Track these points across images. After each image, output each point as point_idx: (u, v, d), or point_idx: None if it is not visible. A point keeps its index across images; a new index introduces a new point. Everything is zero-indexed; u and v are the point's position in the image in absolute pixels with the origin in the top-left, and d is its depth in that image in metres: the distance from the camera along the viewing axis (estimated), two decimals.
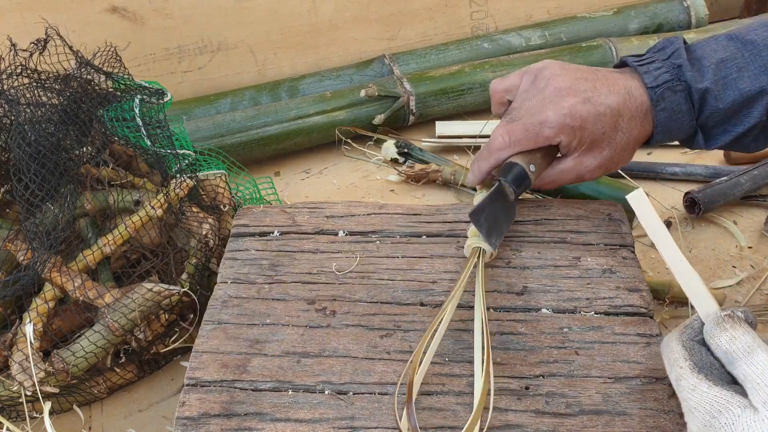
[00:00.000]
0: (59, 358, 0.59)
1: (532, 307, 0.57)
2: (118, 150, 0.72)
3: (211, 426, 0.50)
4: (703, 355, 0.44)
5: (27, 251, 0.61)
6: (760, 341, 0.42)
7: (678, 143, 0.65)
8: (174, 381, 0.68)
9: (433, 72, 0.98)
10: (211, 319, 0.57)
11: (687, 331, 0.46)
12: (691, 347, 0.44)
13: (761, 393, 0.40)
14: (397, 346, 0.55)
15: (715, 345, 0.44)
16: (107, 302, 0.61)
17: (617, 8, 1.10)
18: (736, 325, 0.43)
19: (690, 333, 0.45)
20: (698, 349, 0.44)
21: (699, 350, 0.44)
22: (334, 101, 0.94)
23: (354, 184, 0.91)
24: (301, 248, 0.63)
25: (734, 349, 0.42)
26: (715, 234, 0.80)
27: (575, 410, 0.50)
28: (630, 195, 0.48)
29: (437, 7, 1.07)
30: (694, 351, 0.44)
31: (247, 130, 0.91)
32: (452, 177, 0.87)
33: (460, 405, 0.51)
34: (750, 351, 0.42)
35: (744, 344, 0.42)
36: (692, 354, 0.44)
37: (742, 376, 0.42)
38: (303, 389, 0.52)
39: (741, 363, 0.42)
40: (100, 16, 0.93)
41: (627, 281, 0.58)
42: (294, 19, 1.02)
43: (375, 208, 0.67)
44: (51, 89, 0.64)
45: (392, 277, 0.60)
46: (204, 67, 1.01)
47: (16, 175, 0.60)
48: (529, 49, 1.05)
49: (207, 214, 0.69)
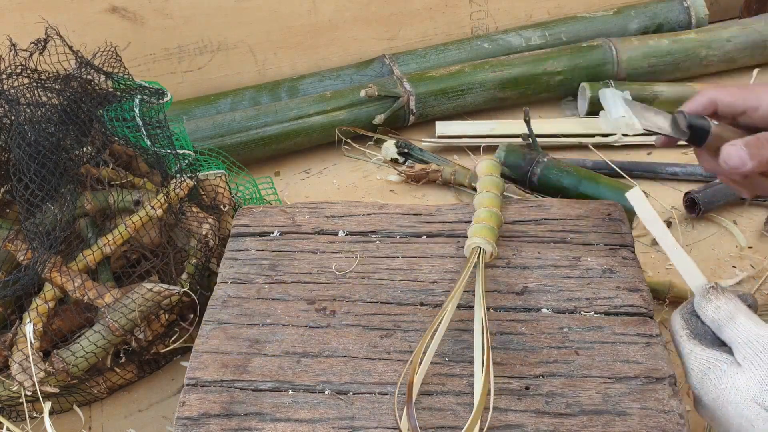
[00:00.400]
0: (59, 358, 0.59)
1: (532, 307, 0.57)
2: (118, 150, 0.72)
3: (211, 426, 0.50)
4: (699, 325, 0.51)
5: (27, 251, 0.61)
6: (742, 307, 0.50)
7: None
8: (174, 381, 0.68)
9: (433, 72, 0.98)
10: (211, 319, 0.57)
11: (686, 305, 0.53)
12: (688, 318, 0.52)
13: (742, 350, 0.47)
14: (397, 346, 0.55)
15: (703, 315, 0.51)
16: (107, 302, 0.61)
17: (617, 8, 1.10)
18: (720, 295, 0.51)
19: (688, 307, 0.52)
20: (694, 320, 0.52)
21: (695, 321, 0.52)
22: (334, 101, 0.94)
23: (354, 184, 0.91)
24: (301, 248, 0.63)
25: (719, 317, 0.50)
26: (715, 234, 0.80)
27: (575, 410, 0.50)
28: (628, 193, 0.56)
29: (437, 7, 1.07)
30: (691, 321, 0.52)
31: (247, 130, 0.91)
32: (452, 177, 0.87)
33: (460, 405, 0.51)
34: (732, 317, 0.49)
35: (727, 312, 0.49)
36: (689, 324, 0.52)
37: (728, 338, 0.49)
38: (303, 389, 0.52)
39: (726, 328, 0.49)
40: (100, 16, 0.93)
41: (627, 281, 0.58)
42: (294, 19, 1.02)
43: (375, 208, 0.67)
44: (51, 89, 0.64)
45: (392, 277, 0.60)
46: (204, 67, 1.01)
47: (16, 175, 0.60)
48: (529, 49, 1.05)
49: (207, 214, 0.69)
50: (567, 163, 0.85)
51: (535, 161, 0.85)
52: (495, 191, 0.66)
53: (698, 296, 0.52)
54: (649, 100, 0.97)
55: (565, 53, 1.01)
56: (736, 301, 0.50)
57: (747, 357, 0.47)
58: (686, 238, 0.79)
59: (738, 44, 1.03)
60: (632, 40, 1.02)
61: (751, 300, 0.51)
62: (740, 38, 1.03)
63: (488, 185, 0.66)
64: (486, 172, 0.68)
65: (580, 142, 0.94)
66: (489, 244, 0.60)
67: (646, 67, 1.01)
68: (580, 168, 0.85)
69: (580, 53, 1.01)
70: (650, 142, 0.93)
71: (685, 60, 1.02)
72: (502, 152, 0.87)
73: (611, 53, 1.01)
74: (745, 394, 0.46)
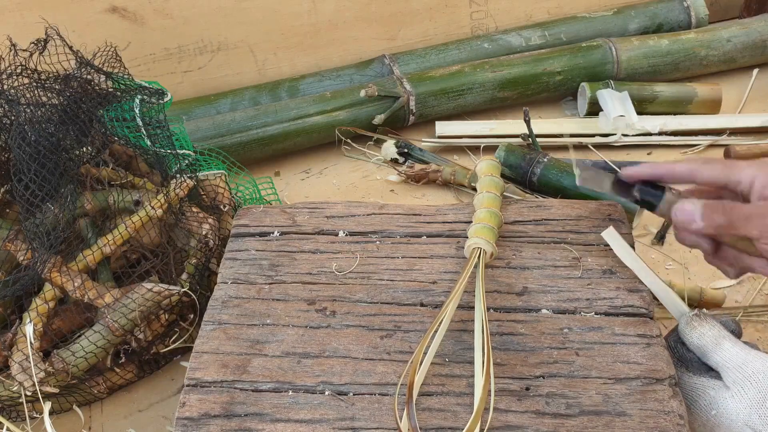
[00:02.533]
0: (59, 358, 0.59)
1: (532, 308, 0.57)
2: (118, 150, 0.72)
3: (211, 426, 0.50)
4: (685, 352, 0.53)
5: (27, 251, 0.61)
6: (725, 333, 0.51)
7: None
8: (174, 381, 0.68)
9: (433, 72, 0.98)
10: (211, 319, 0.57)
11: (671, 333, 0.55)
12: (674, 346, 0.54)
13: (730, 374, 0.49)
14: (397, 347, 0.55)
15: (689, 341, 0.53)
16: (107, 302, 0.61)
17: (617, 8, 1.10)
18: (703, 322, 0.52)
19: (674, 335, 0.54)
20: (679, 347, 0.54)
21: (680, 348, 0.54)
22: (334, 101, 0.94)
23: (354, 184, 0.91)
24: (301, 248, 0.63)
25: (704, 343, 0.52)
26: None
27: (575, 411, 0.50)
28: (604, 233, 0.60)
29: (437, 7, 1.07)
30: (677, 349, 0.54)
31: (247, 130, 0.91)
32: (452, 177, 0.87)
33: (460, 406, 0.51)
34: (717, 343, 0.51)
35: (711, 338, 0.51)
36: (675, 352, 0.54)
37: (715, 364, 0.51)
38: (303, 390, 0.52)
39: (712, 354, 0.51)
40: (100, 16, 0.93)
41: (627, 282, 0.58)
42: (294, 19, 1.02)
43: (375, 208, 0.67)
44: (51, 89, 0.64)
45: (392, 278, 0.60)
46: (204, 67, 1.01)
47: (16, 175, 0.60)
48: (529, 49, 1.05)
49: (207, 214, 0.69)
50: (567, 163, 0.85)
51: (535, 161, 0.85)
52: (495, 191, 0.66)
53: (682, 324, 0.53)
54: (649, 99, 0.97)
55: (565, 53, 1.01)
56: (719, 328, 0.52)
57: (737, 381, 0.49)
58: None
59: (738, 44, 1.03)
60: (632, 40, 1.02)
61: (734, 326, 0.53)
62: (740, 38, 1.03)
63: (488, 185, 0.66)
64: (486, 173, 0.68)
65: (580, 142, 0.94)
66: (489, 245, 0.60)
67: (645, 67, 1.01)
68: None
69: (579, 53, 1.01)
70: (650, 142, 0.93)
71: (684, 60, 1.02)
72: (502, 152, 0.87)
73: (611, 53, 1.01)
74: (736, 419, 0.48)
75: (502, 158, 0.87)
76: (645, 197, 0.58)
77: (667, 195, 0.57)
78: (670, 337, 0.55)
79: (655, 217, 0.82)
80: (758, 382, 0.48)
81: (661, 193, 0.58)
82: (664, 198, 0.57)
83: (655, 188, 0.58)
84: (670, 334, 0.55)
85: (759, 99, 1.02)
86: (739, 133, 0.95)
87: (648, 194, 0.58)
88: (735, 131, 0.94)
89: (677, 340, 0.54)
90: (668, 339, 0.55)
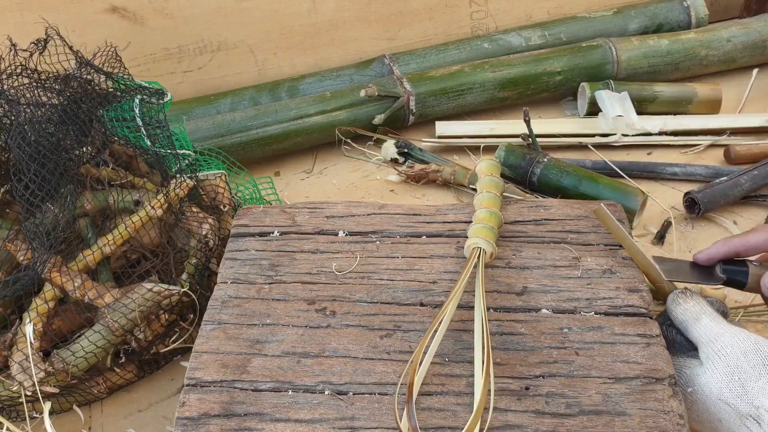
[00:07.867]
0: (59, 358, 0.59)
1: (532, 308, 0.57)
2: (118, 150, 0.72)
3: (211, 426, 0.50)
4: (673, 334, 0.55)
5: (27, 251, 0.61)
6: (708, 309, 0.53)
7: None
8: (174, 381, 0.68)
9: (433, 72, 0.98)
10: (211, 319, 0.57)
11: (660, 315, 0.56)
12: (661, 327, 0.55)
13: (705, 350, 0.50)
14: (397, 347, 0.55)
15: (674, 317, 0.54)
16: (107, 302, 0.61)
17: (617, 8, 1.10)
18: (688, 299, 0.54)
19: (662, 316, 0.56)
20: (665, 328, 0.55)
21: (669, 330, 0.55)
22: (334, 101, 0.94)
23: (354, 184, 0.91)
24: (301, 248, 0.63)
25: (686, 318, 0.53)
26: (715, 234, 0.80)
27: (575, 410, 0.50)
28: (595, 209, 0.59)
29: (437, 7, 1.07)
30: (663, 329, 0.55)
31: (247, 130, 0.91)
32: (452, 177, 0.87)
33: (460, 405, 0.51)
34: (697, 318, 0.52)
35: (693, 313, 0.53)
36: (662, 331, 0.54)
37: (694, 338, 0.52)
38: (303, 389, 0.52)
39: (692, 329, 0.52)
40: (100, 16, 0.93)
41: (627, 281, 0.58)
42: (294, 19, 1.02)
43: (375, 208, 0.67)
44: (51, 89, 0.64)
45: (392, 278, 0.60)
46: (204, 67, 1.01)
47: (16, 175, 0.60)
48: (529, 49, 1.05)
49: (207, 214, 0.69)
50: (567, 163, 0.85)
51: (535, 161, 0.85)
52: (495, 191, 0.66)
53: (669, 300, 0.55)
54: (649, 100, 0.97)
55: (565, 53, 1.01)
56: (703, 304, 0.53)
57: (708, 356, 0.50)
58: (686, 238, 0.79)
59: (738, 44, 1.03)
60: (632, 40, 1.02)
61: (720, 306, 0.54)
62: (740, 38, 1.03)
63: (488, 185, 0.66)
64: (486, 173, 0.68)
65: (580, 142, 0.94)
66: (489, 245, 0.60)
67: (645, 67, 1.01)
68: (580, 168, 0.85)
69: (579, 53, 1.01)
70: (650, 142, 0.93)
71: (684, 60, 1.02)
72: (502, 152, 0.87)
73: (611, 53, 1.01)
74: (710, 394, 0.49)
75: (502, 158, 0.87)
76: (733, 277, 0.59)
77: (751, 268, 0.58)
78: (659, 318, 0.56)
79: (655, 217, 0.82)
80: (726, 356, 0.49)
81: (746, 269, 0.58)
82: (749, 273, 0.58)
83: (736, 264, 0.59)
84: (660, 315, 0.56)
85: (759, 99, 1.02)
86: (739, 133, 0.95)
87: (735, 273, 0.59)
88: (735, 131, 0.94)
89: (665, 320, 0.56)
90: (657, 319, 0.56)
